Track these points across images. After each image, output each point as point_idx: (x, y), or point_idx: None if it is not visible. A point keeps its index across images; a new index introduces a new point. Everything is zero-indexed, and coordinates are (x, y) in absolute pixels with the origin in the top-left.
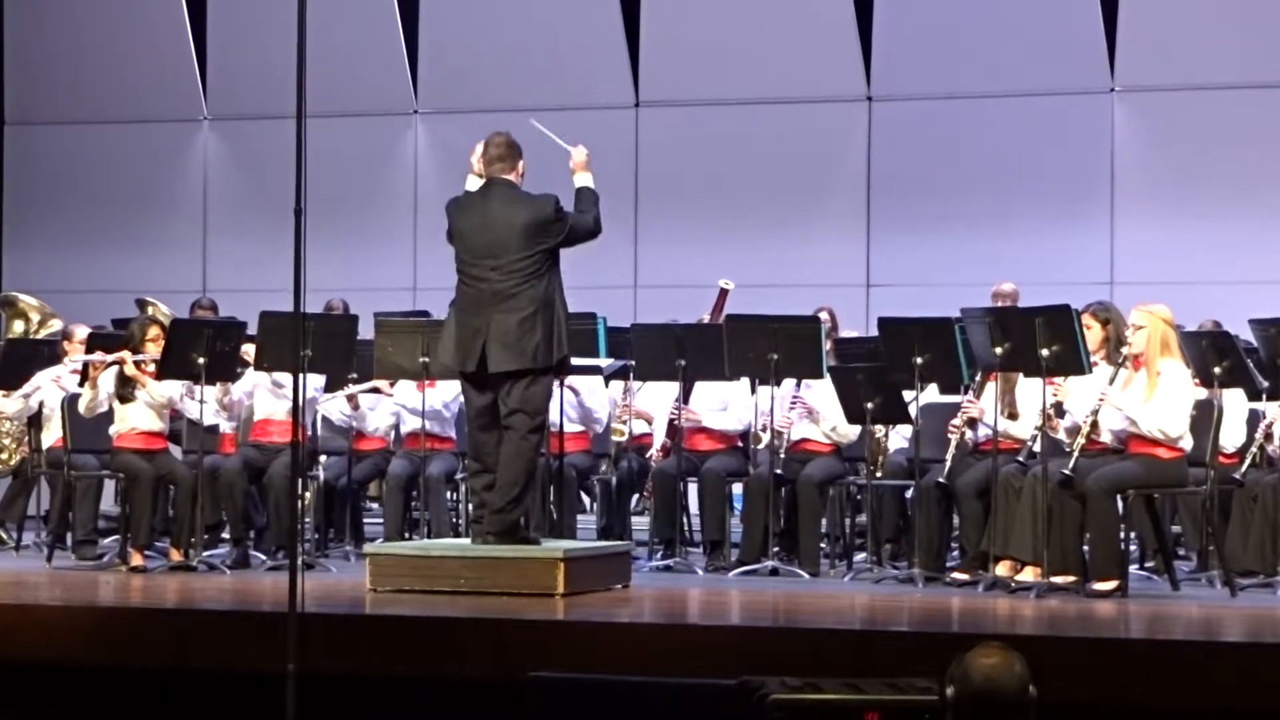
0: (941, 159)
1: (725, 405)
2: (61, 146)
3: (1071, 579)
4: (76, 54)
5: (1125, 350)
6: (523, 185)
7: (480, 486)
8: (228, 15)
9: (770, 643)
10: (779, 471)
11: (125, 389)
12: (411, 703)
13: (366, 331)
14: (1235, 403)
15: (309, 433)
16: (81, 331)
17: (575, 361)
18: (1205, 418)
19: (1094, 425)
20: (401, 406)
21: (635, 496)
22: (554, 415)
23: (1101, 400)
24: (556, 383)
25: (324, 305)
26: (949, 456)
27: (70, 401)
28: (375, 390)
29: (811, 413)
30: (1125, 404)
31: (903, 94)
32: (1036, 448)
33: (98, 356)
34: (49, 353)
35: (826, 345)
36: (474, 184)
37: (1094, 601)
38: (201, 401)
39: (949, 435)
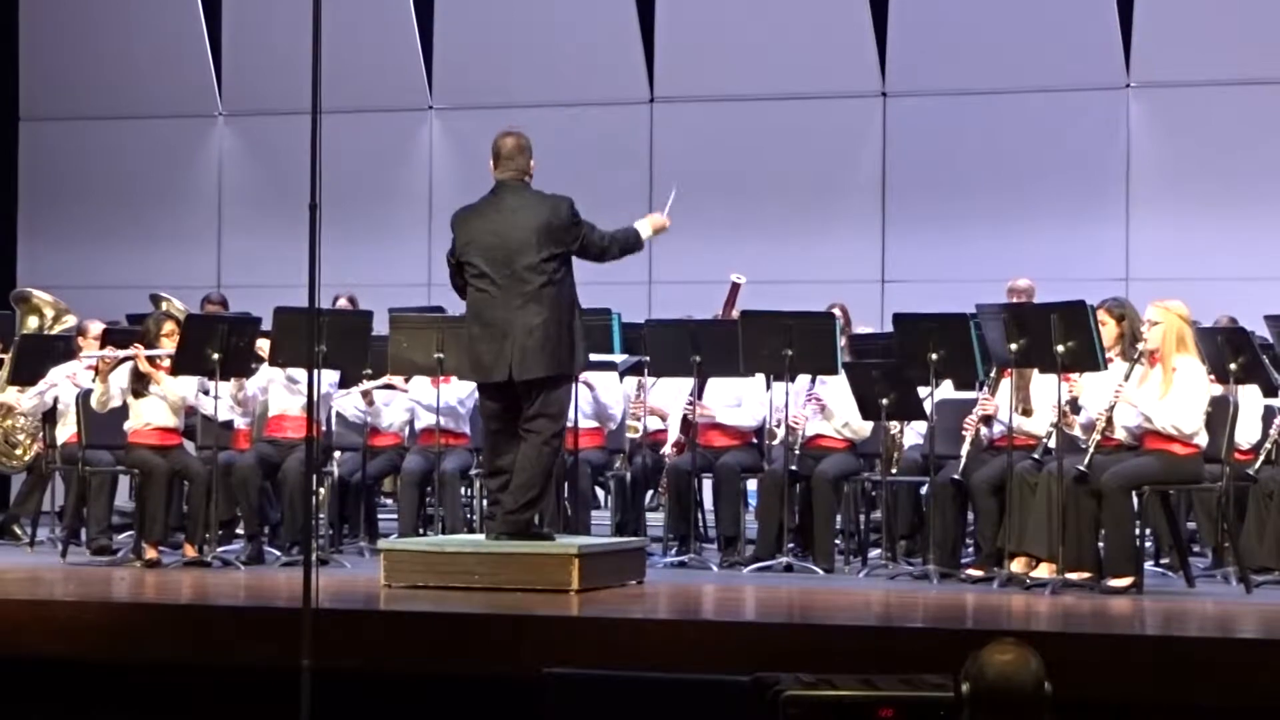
0: (956, 155)
1: (739, 401)
2: (76, 142)
3: (1086, 575)
4: (91, 50)
5: (1141, 346)
6: (532, 184)
7: (495, 486)
8: (242, 11)
9: (784, 639)
10: (793, 468)
11: (139, 384)
12: (426, 699)
13: (381, 327)
14: (1251, 399)
15: (323, 428)
16: (96, 327)
17: (590, 357)
18: (1220, 414)
19: (1109, 421)
20: (416, 402)
21: (650, 492)
22: (569, 411)
23: (1117, 396)
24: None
25: (330, 300)
26: (964, 453)
27: (85, 397)
28: (390, 386)
29: (823, 409)
30: (1140, 400)
31: (918, 90)
32: (1051, 444)
33: (109, 352)
34: (63, 348)
35: (841, 341)
36: None
37: (1109, 598)
38: (216, 397)
39: (964, 431)
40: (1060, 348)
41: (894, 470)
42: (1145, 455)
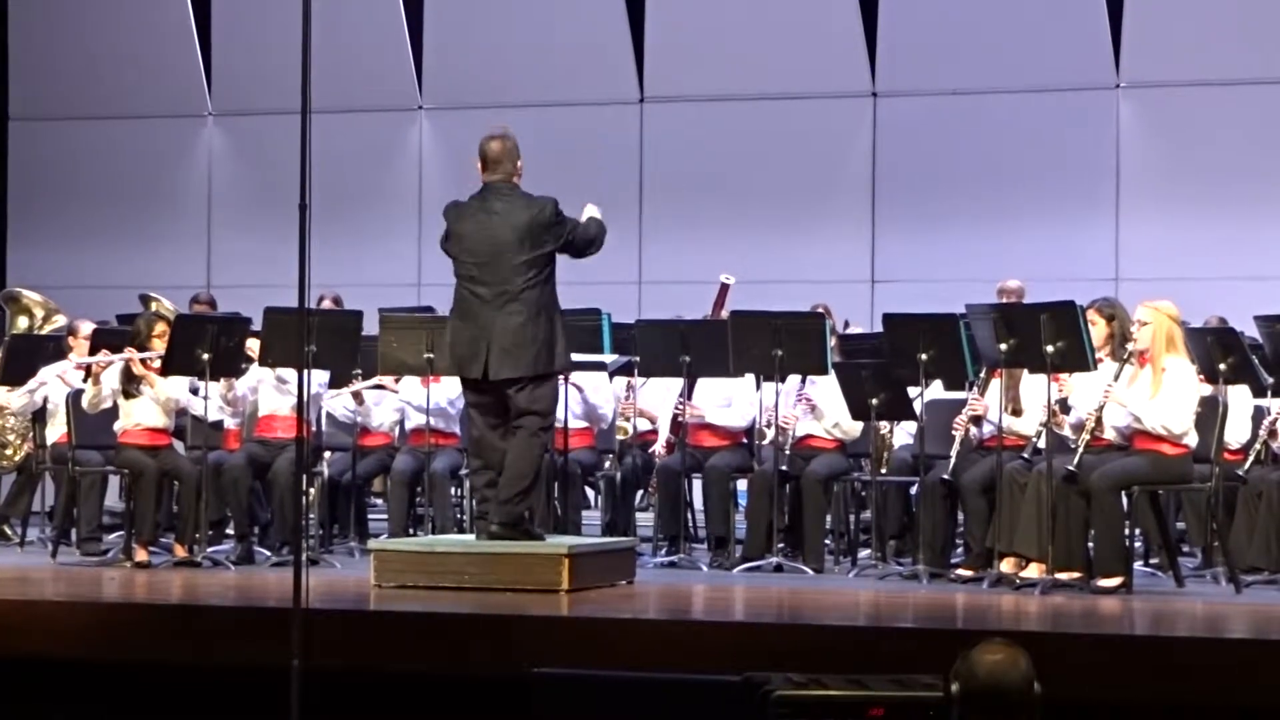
0: (946, 155)
1: (729, 401)
2: (66, 142)
3: (1076, 575)
4: (81, 50)
5: (1130, 346)
6: (521, 184)
7: (482, 484)
8: (232, 11)
9: (775, 639)
10: (783, 468)
11: (130, 385)
12: (416, 699)
13: (371, 327)
14: (1240, 399)
15: (313, 429)
16: (86, 327)
17: (579, 358)
18: (1210, 414)
19: (1098, 421)
20: (406, 403)
21: (640, 493)
22: (559, 412)
23: (1106, 396)
24: (561, 379)
25: (315, 299)
26: (954, 453)
27: (75, 397)
28: (380, 386)
29: (813, 409)
30: (1130, 400)
31: (907, 90)
32: (1041, 444)
33: (102, 356)
34: (53, 348)
35: (831, 341)
36: None
37: (1098, 598)
38: (205, 397)
39: (954, 432)
40: (1050, 348)
41: (884, 470)
42: (1135, 455)
